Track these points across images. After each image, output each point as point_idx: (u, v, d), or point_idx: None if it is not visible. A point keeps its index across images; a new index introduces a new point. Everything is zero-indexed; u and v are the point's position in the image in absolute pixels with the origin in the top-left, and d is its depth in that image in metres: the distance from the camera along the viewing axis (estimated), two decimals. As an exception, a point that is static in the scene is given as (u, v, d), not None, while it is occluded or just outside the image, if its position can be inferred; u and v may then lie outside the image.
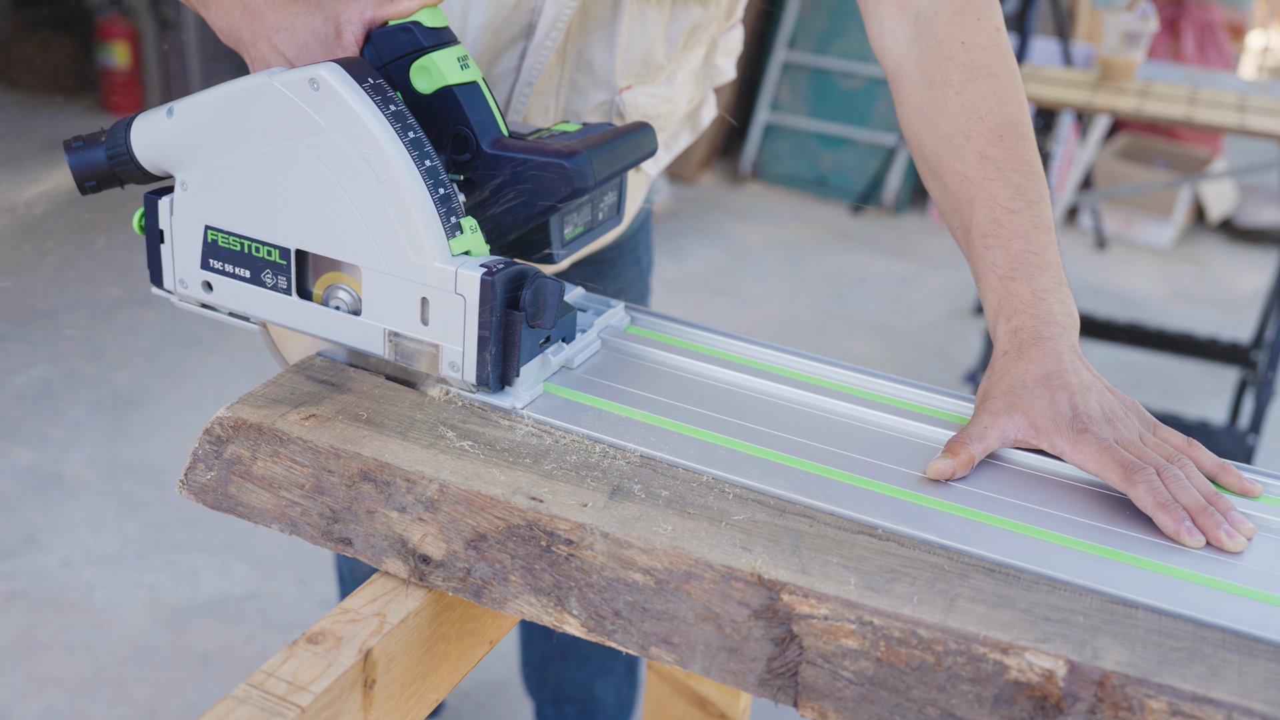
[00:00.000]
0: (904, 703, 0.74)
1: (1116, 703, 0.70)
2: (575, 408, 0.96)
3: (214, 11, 1.05)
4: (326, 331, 0.97)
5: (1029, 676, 0.72)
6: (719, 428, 0.95)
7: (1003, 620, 0.75)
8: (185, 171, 0.97)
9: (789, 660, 0.76)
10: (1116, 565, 0.82)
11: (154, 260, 1.03)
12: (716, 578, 0.78)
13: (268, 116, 0.91)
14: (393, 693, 0.82)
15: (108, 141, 0.99)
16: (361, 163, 0.89)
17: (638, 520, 0.82)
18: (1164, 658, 0.73)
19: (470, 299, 0.89)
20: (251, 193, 0.94)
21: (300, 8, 1.00)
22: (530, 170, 0.95)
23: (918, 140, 1.09)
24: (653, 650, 0.79)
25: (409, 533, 0.85)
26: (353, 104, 0.88)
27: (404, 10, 0.97)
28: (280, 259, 0.96)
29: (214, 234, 0.98)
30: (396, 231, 0.90)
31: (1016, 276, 0.98)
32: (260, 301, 0.99)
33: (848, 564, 0.79)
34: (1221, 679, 0.71)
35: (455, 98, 0.96)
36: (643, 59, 1.28)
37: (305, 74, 0.89)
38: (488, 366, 0.91)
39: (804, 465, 0.91)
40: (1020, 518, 0.86)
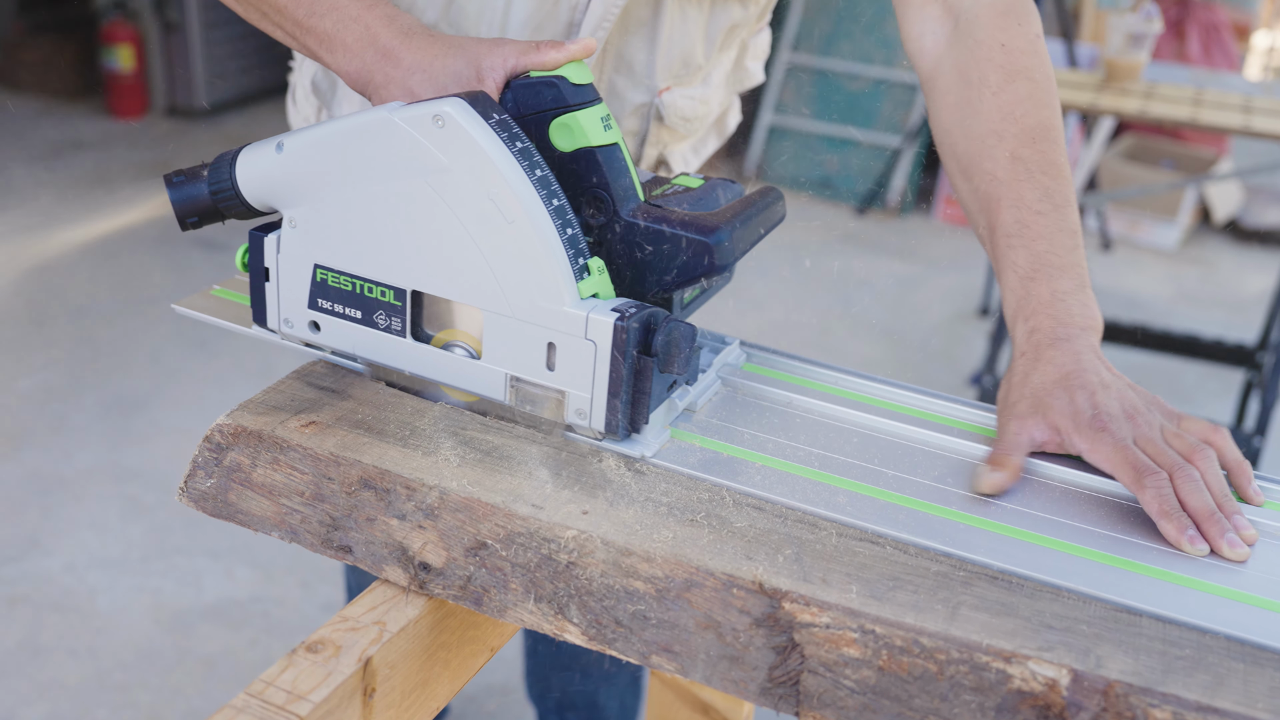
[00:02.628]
0: (906, 712, 0.73)
1: (1120, 712, 0.70)
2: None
3: (340, 56, 1.01)
4: (442, 375, 0.94)
5: (1032, 686, 0.71)
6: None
7: (1006, 629, 0.74)
8: (294, 208, 0.93)
9: (790, 669, 0.75)
10: (1121, 573, 0.81)
11: (258, 299, 0.99)
12: (718, 586, 0.77)
13: (387, 153, 0.87)
14: (393, 701, 0.81)
15: (210, 176, 0.96)
16: (487, 202, 0.85)
17: (638, 528, 0.82)
18: (1168, 666, 0.72)
19: (602, 345, 0.85)
20: (366, 231, 0.91)
21: (439, 50, 0.97)
22: (670, 244, 0.90)
23: (950, 139, 1.09)
24: (654, 659, 0.79)
25: (409, 540, 0.84)
26: (479, 140, 0.84)
27: (551, 62, 0.93)
28: (395, 300, 0.92)
29: (324, 273, 0.94)
30: (523, 274, 0.86)
31: (1037, 277, 0.98)
32: (371, 343, 0.95)
33: (850, 572, 0.79)
34: (1226, 688, 0.71)
35: (596, 159, 0.91)
36: (683, 59, 1.26)
37: (429, 109, 0.85)
38: (617, 414, 0.88)
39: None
40: (1024, 525, 0.86)
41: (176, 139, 5.76)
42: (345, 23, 1.01)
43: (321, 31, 1.01)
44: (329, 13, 1.01)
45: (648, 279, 0.91)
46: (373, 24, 1.00)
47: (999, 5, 1.10)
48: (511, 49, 0.94)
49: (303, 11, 1.02)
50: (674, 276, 0.91)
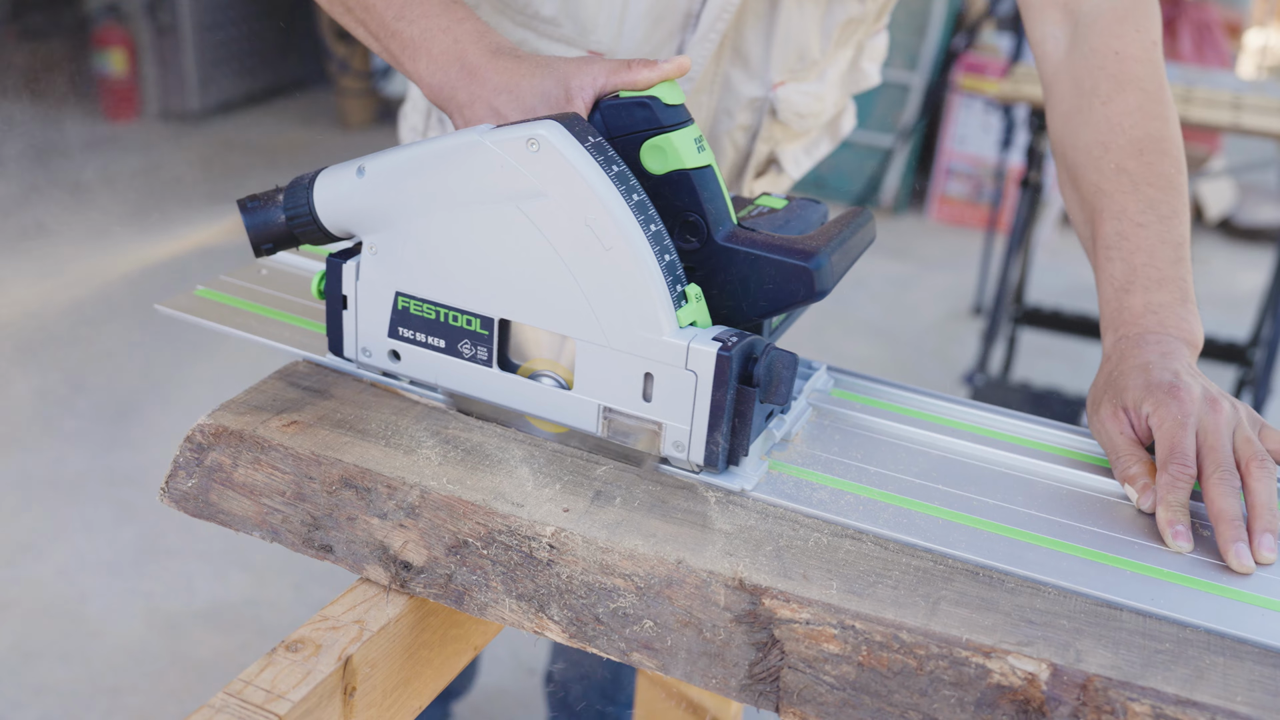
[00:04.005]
0: (886, 707, 0.73)
1: (1100, 706, 0.70)
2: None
3: (423, 65, 0.98)
4: (529, 407, 0.91)
5: (1011, 680, 0.71)
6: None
7: (986, 624, 0.74)
8: (375, 234, 0.90)
9: (771, 665, 0.75)
10: (1103, 567, 0.81)
11: (334, 327, 0.96)
12: (698, 583, 0.77)
13: (477, 177, 0.84)
14: (374, 700, 0.81)
15: (286, 201, 0.93)
16: (584, 228, 0.82)
17: (619, 525, 0.82)
18: (1148, 660, 0.72)
19: (703, 375, 0.82)
20: (452, 258, 0.88)
21: (527, 69, 0.93)
22: (768, 269, 0.87)
23: (1060, 148, 1.07)
24: (634, 656, 0.79)
25: (390, 539, 0.84)
26: (576, 164, 0.81)
27: (643, 81, 0.89)
28: (482, 329, 0.89)
29: (405, 301, 0.91)
30: (620, 302, 0.83)
31: (1132, 289, 0.96)
32: (455, 373, 0.92)
33: (830, 568, 0.79)
34: (1206, 681, 0.71)
35: (690, 182, 0.87)
36: (798, 53, 1.24)
37: (522, 132, 0.82)
38: (718, 446, 0.85)
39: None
40: (1006, 520, 0.86)
41: (170, 143, 5.75)
42: (433, 33, 0.97)
43: (407, 37, 0.98)
44: (418, 19, 0.98)
45: (743, 305, 0.88)
46: (462, 38, 0.96)
47: (1119, 9, 1.07)
48: (601, 68, 0.90)
49: (391, 14, 0.99)
50: (771, 302, 0.88)
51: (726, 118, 1.27)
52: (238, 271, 1.17)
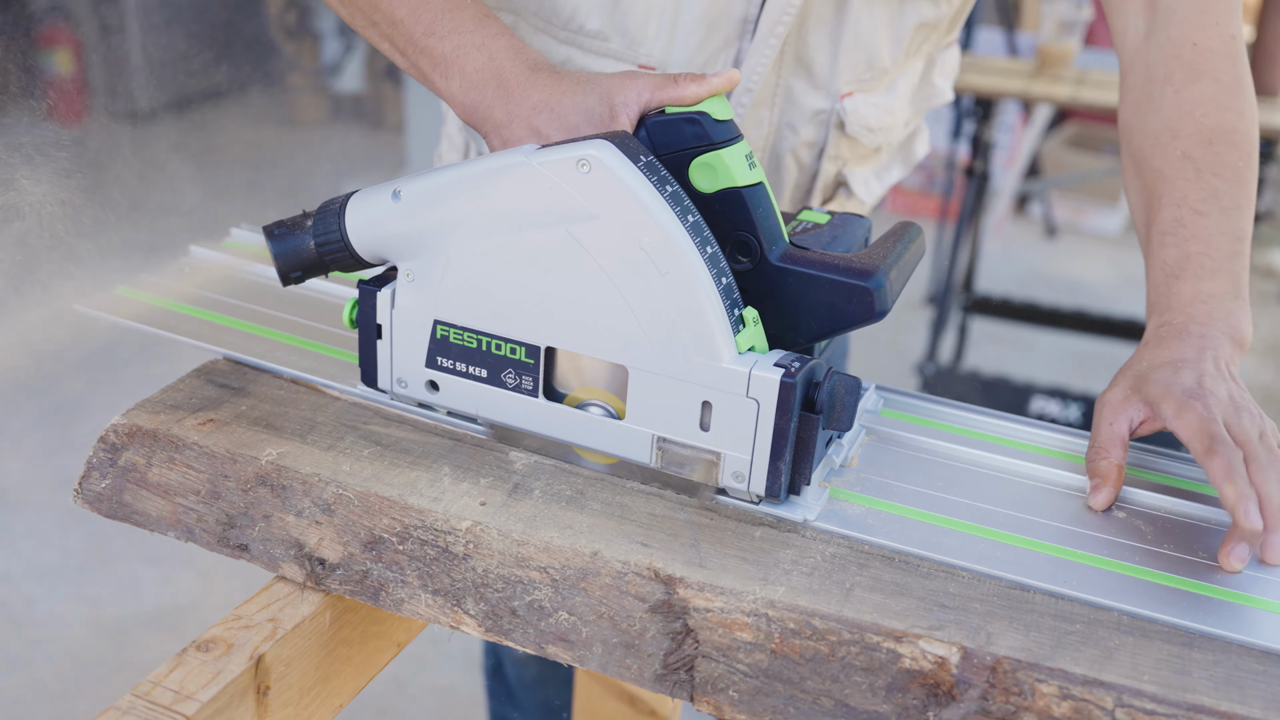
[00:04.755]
0: (798, 694, 0.73)
1: (1008, 688, 0.70)
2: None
3: (456, 83, 0.93)
4: (578, 438, 0.87)
5: (922, 664, 0.71)
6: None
7: (898, 609, 0.74)
8: (412, 260, 0.87)
9: (685, 655, 0.75)
10: (1016, 550, 0.81)
11: (368, 357, 0.92)
12: (613, 574, 0.77)
13: (523, 200, 0.81)
14: (290, 699, 0.81)
15: (315, 227, 0.88)
16: (639, 252, 0.79)
17: (535, 518, 0.81)
18: (1058, 642, 0.73)
19: (765, 403, 0.79)
20: (496, 285, 0.84)
21: (567, 86, 0.90)
22: (825, 289, 0.83)
23: (1128, 135, 1.06)
24: (549, 649, 0.78)
25: (305, 536, 0.83)
26: (631, 185, 0.78)
27: (691, 97, 0.85)
28: (527, 358, 0.86)
29: (444, 329, 0.87)
30: (678, 328, 0.80)
31: (1183, 275, 0.95)
32: (498, 404, 0.88)
33: (746, 556, 0.79)
34: (1114, 661, 0.71)
35: (742, 200, 0.83)
36: (867, 60, 1.17)
37: (572, 153, 0.79)
38: (780, 476, 0.81)
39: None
40: (922, 505, 0.86)
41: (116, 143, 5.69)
42: (467, 50, 0.93)
43: (439, 54, 0.93)
44: (450, 35, 0.93)
45: (798, 327, 0.85)
46: (498, 54, 0.92)
47: (1200, 1, 1.05)
48: (646, 83, 0.86)
49: (421, 30, 0.94)
50: (828, 324, 0.84)
51: (790, 133, 1.19)
52: (160, 269, 1.16)
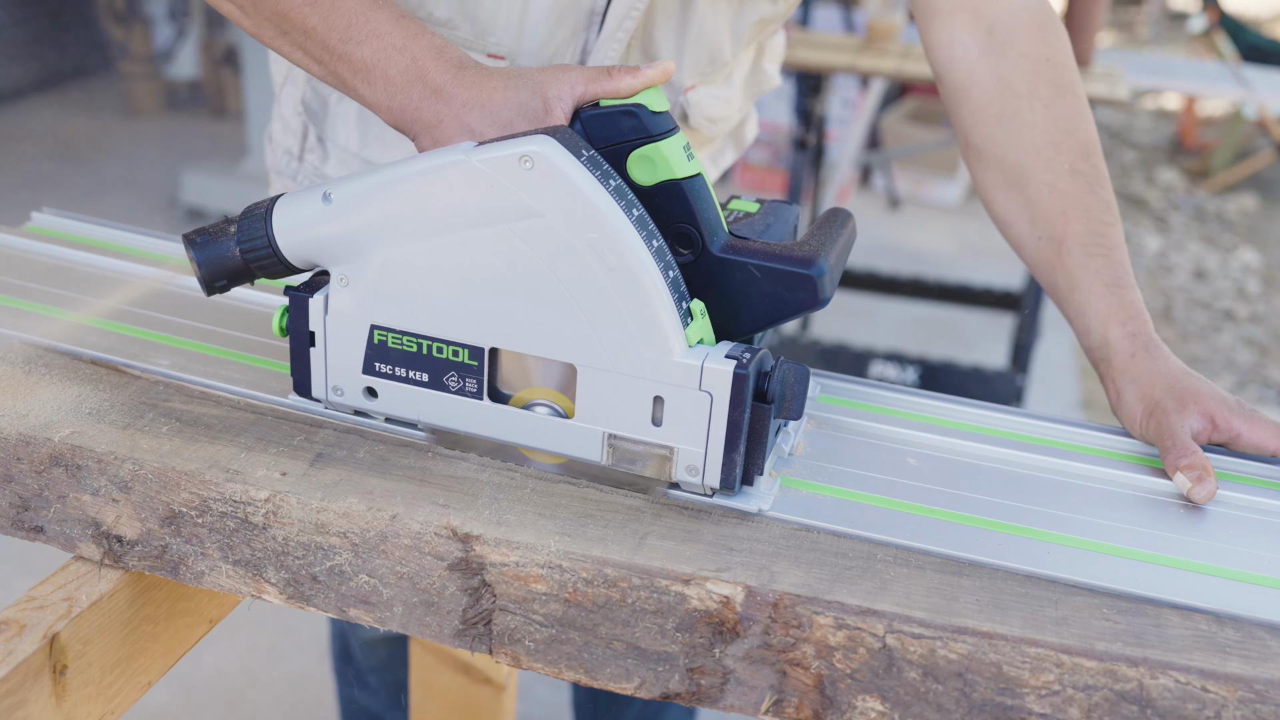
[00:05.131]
0: (593, 640, 0.76)
1: (788, 621, 0.74)
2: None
3: (380, 89, 0.90)
4: (526, 439, 0.86)
5: (708, 604, 0.74)
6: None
7: (688, 554, 0.77)
8: (346, 264, 0.84)
9: (483, 609, 0.77)
10: (799, 493, 0.85)
11: (300, 366, 0.89)
12: (412, 535, 0.78)
13: (463, 199, 0.79)
14: (91, 678, 0.80)
15: (240, 233, 0.85)
16: (585, 248, 0.78)
17: (336, 486, 0.82)
18: (837, 577, 0.77)
19: (719, 395, 0.79)
20: (436, 287, 0.82)
21: (498, 82, 0.88)
22: (768, 279, 0.83)
23: (996, 150, 1.08)
24: (351, 612, 0.80)
25: (102, 515, 0.83)
26: (575, 181, 0.77)
27: (626, 89, 0.84)
28: (470, 359, 0.84)
29: (382, 334, 0.85)
30: (627, 324, 0.79)
31: (1123, 286, 1.01)
32: (440, 408, 0.87)
33: (544, 512, 0.81)
34: (888, 592, 0.75)
35: (682, 192, 0.83)
36: (710, 54, 1.19)
37: (513, 149, 0.77)
38: (735, 468, 0.81)
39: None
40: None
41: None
42: (388, 52, 0.90)
43: (358, 60, 0.91)
44: (368, 40, 0.90)
45: (742, 317, 0.85)
46: (420, 56, 0.90)
47: (1036, 19, 1.09)
48: (579, 76, 0.86)
49: (336, 36, 0.91)
50: (772, 313, 0.84)
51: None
52: (-45, 256, 1.13)
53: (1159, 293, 5.13)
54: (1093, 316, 1.02)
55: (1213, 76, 4.51)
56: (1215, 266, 5.45)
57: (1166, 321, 4.84)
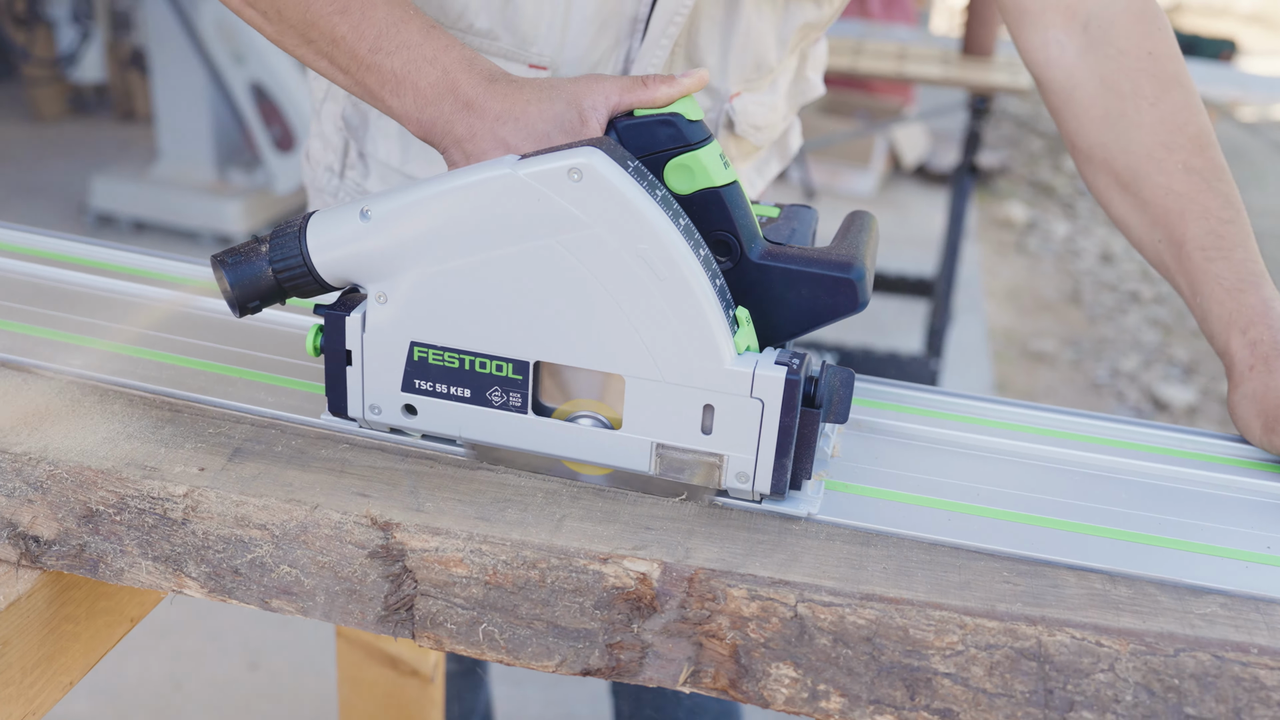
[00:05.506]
0: (514, 621, 0.77)
1: (703, 595, 0.76)
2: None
3: (409, 100, 0.89)
4: (572, 451, 0.85)
5: (625, 581, 0.76)
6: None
7: (606, 534, 0.79)
8: (385, 282, 0.83)
9: (404, 595, 0.79)
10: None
11: (336, 386, 0.87)
12: (333, 525, 0.79)
13: (510, 214, 0.78)
14: (11, 678, 0.80)
15: (272, 252, 0.84)
16: (634, 259, 0.78)
17: (256, 479, 0.83)
18: (751, 550, 0.79)
19: (770, 402, 0.79)
20: (479, 301, 0.81)
21: (530, 95, 0.88)
22: (807, 284, 0.83)
23: (1105, 154, 1.06)
24: (274, 603, 0.80)
25: (18, 516, 0.83)
26: (625, 193, 0.76)
27: (662, 98, 0.84)
28: (515, 374, 0.83)
29: (423, 350, 0.84)
30: (677, 333, 0.79)
31: (1245, 288, 0.98)
32: (485, 423, 0.86)
33: (463, 498, 0.83)
34: (799, 563, 0.78)
35: (720, 200, 0.83)
36: (755, 61, 1.17)
37: (562, 161, 0.77)
38: (785, 473, 0.82)
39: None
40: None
41: None
42: (419, 64, 0.89)
43: (388, 71, 0.89)
44: (399, 50, 0.89)
45: (781, 323, 0.85)
46: (451, 67, 0.89)
47: (1133, 9, 1.06)
48: (612, 86, 0.86)
49: (366, 46, 0.89)
50: (811, 318, 0.85)
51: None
52: None
53: (1068, 277, 5.26)
54: (1215, 323, 1.00)
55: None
56: (1121, 250, 5.59)
57: (1075, 305, 4.97)
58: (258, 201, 4.56)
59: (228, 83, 4.39)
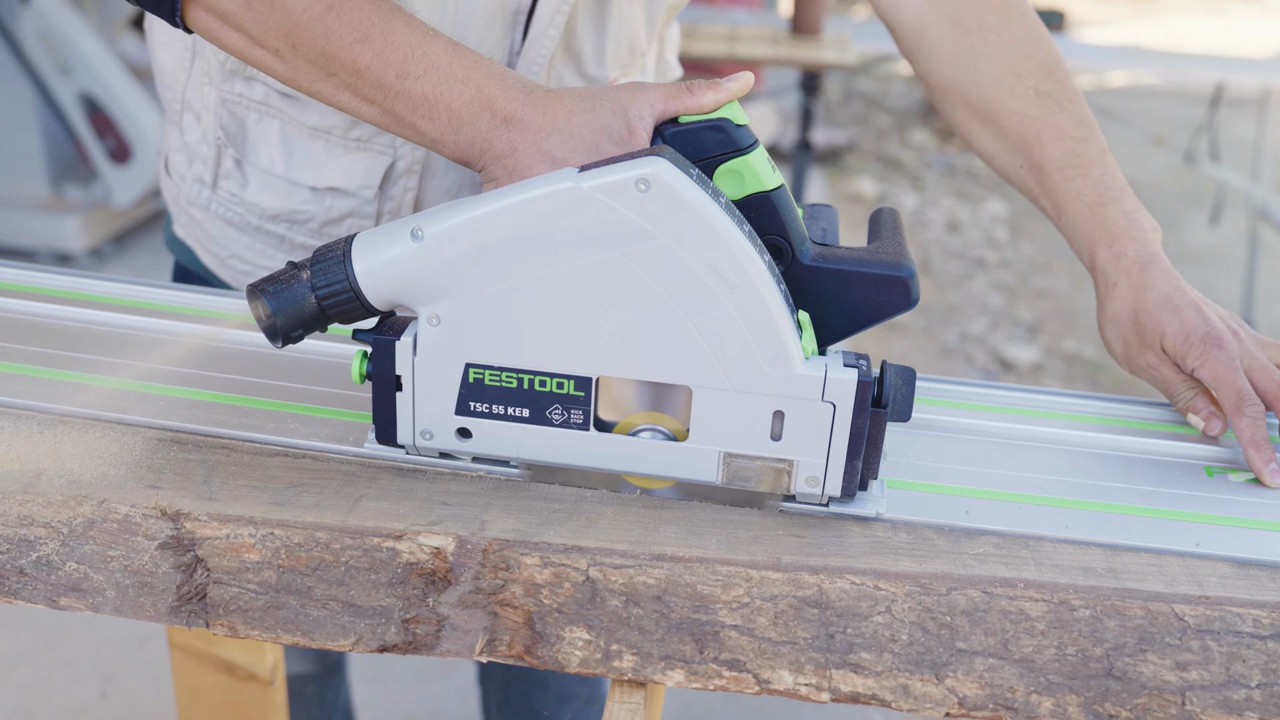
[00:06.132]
0: (309, 603, 0.78)
1: (497, 565, 0.77)
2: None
3: (443, 123, 0.87)
4: (636, 465, 0.84)
5: (419, 556, 0.77)
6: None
7: (401, 512, 0.80)
8: (437, 303, 0.80)
9: (197, 584, 0.78)
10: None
11: (385, 413, 0.84)
12: (120, 519, 0.78)
13: (573, 227, 0.76)
14: None
15: (315, 278, 0.81)
16: (704, 269, 0.76)
17: (40, 476, 0.81)
18: (547, 520, 0.80)
19: (842, 404, 0.79)
20: (539, 318, 0.79)
21: (573, 105, 0.86)
22: (861, 284, 0.83)
23: (959, 88, 1.08)
24: (63, 601, 0.79)
25: None
26: (695, 202, 0.75)
27: (710, 104, 0.84)
28: (576, 390, 0.81)
29: (478, 372, 0.82)
30: (746, 341, 0.78)
31: (1105, 202, 1.00)
32: (544, 442, 0.84)
33: (258, 484, 0.82)
34: (594, 529, 0.80)
35: (771, 204, 0.82)
36: (629, 45, 1.16)
37: (628, 173, 0.75)
38: (856, 475, 0.81)
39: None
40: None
41: None
42: (450, 84, 0.86)
43: (418, 95, 0.87)
44: (427, 73, 0.86)
45: (832, 324, 0.85)
46: (484, 84, 0.87)
47: None
48: (657, 93, 0.85)
49: (393, 73, 0.86)
50: (864, 318, 0.85)
51: None
52: None
53: (917, 247, 5.40)
54: (1080, 240, 1.02)
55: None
56: (966, 218, 5.77)
57: (924, 273, 5.11)
58: (97, 216, 4.40)
59: (55, 95, 4.22)
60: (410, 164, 1.12)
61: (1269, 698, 0.74)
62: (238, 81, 1.12)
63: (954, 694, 0.75)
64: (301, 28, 0.86)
